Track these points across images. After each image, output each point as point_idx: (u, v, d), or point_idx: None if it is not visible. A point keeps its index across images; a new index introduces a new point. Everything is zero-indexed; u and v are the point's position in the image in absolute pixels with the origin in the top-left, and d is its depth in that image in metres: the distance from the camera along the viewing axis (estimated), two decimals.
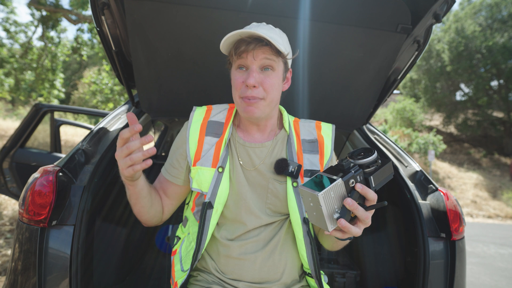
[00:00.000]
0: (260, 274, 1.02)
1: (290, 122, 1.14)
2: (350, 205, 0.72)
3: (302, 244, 1.04)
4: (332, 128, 1.15)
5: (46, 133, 3.77)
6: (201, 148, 1.06)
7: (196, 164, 1.04)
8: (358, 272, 1.95)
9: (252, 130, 1.10)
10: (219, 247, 1.06)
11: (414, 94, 21.41)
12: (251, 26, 0.99)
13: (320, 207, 0.70)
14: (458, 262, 1.42)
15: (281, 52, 0.95)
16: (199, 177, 1.03)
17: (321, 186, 0.71)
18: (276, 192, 1.05)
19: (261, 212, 1.05)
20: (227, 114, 1.12)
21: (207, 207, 1.01)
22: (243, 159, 1.07)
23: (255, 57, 0.95)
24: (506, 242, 6.25)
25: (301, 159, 1.07)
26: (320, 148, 1.10)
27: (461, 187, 13.55)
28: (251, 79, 0.94)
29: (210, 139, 1.07)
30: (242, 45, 0.94)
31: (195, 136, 1.07)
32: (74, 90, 22.33)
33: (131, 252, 1.94)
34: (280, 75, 1.01)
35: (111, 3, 1.37)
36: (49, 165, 1.30)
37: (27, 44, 9.97)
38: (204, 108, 1.14)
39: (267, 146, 1.09)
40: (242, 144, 1.08)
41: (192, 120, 1.10)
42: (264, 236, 1.05)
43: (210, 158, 1.04)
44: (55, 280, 1.17)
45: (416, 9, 1.34)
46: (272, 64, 0.97)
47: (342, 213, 0.73)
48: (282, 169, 1.03)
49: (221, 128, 1.09)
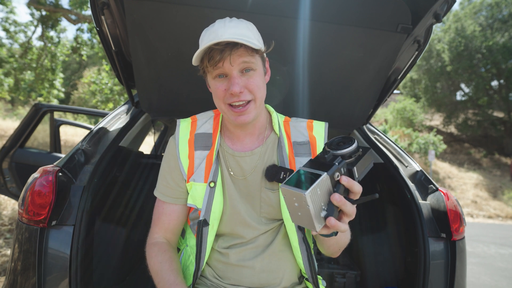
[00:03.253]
0: (259, 280, 1.02)
1: (280, 123, 1.09)
2: (338, 201, 0.65)
3: (298, 252, 1.03)
4: (325, 126, 1.10)
5: (46, 133, 3.76)
6: (192, 163, 1.03)
7: (189, 180, 1.02)
8: (358, 272, 1.95)
9: (240, 135, 1.06)
10: (218, 255, 1.06)
11: (414, 94, 21.40)
12: (216, 26, 0.91)
13: (307, 207, 0.63)
14: (458, 262, 1.42)
15: (258, 49, 0.90)
16: (193, 193, 1.01)
17: (306, 184, 0.64)
18: (269, 201, 1.03)
19: (256, 223, 1.03)
20: (214, 123, 1.09)
21: (203, 224, 0.99)
22: (233, 170, 1.04)
23: (232, 63, 0.90)
24: (507, 242, 6.25)
25: (293, 163, 1.02)
26: (312, 150, 1.05)
27: (461, 187, 13.55)
28: (235, 86, 0.90)
29: (200, 153, 1.04)
30: (215, 54, 0.88)
31: (185, 152, 1.04)
32: (73, 90, 22.33)
33: (131, 252, 1.93)
34: (261, 72, 0.96)
35: (110, 3, 1.37)
36: (48, 165, 1.30)
37: (26, 44, 9.96)
38: (189, 120, 1.10)
39: (257, 153, 1.05)
40: (232, 154, 1.05)
41: (179, 136, 1.06)
42: (261, 242, 1.04)
43: (202, 173, 1.01)
44: (55, 280, 1.17)
45: (416, 9, 1.34)
46: (251, 66, 0.92)
47: (329, 210, 0.67)
48: (273, 176, 1.00)
49: (209, 139, 1.05)
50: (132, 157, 1.94)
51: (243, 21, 0.94)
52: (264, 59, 1.00)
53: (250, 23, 0.96)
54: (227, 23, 0.91)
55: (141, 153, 2.24)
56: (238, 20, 0.93)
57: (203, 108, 1.90)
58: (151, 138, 2.89)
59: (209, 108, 1.21)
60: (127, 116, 1.90)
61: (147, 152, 2.47)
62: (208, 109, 1.18)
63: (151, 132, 2.54)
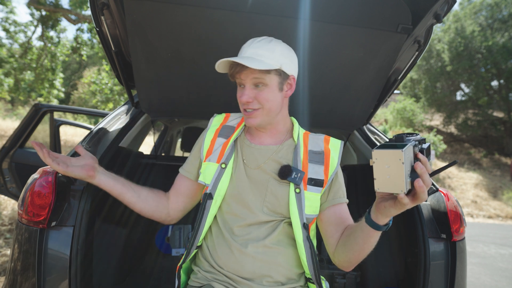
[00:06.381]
0: (253, 269, 1.04)
1: (300, 134, 1.18)
2: (421, 168, 0.73)
3: (302, 249, 1.05)
4: (341, 144, 1.17)
5: (46, 133, 3.76)
6: (212, 147, 1.17)
7: (206, 160, 1.15)
8: (358, 273, 1.95)
9: (260, 134, 1.17)
10: (216, 243, 1.10)
11: (414, 94, 21.39)
12: (247, 43, 1.07)
13: (402, 165, 0.71)
14: (458, 263, 1.42)
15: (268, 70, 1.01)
16: (205, 171, 1.13)
17: (397, 148, 0.72)
18: (275, 192, 1.08)
19: (257, 210, 1.08)
20: (240, 120, 1.23)
21: (208, 197, 1.09)
22: (247, 158, 1.14)
23: (245, 78, 1.04)
24: (507, 242, 6.25)
25: (306, 167, 1.09)
26: (326, 159, 1.12)
27: (461, 187, 13.55)
28: (243, 97, 1.04)
29: (220, 139, 1.18)
30: (234, 68, 1.03)
31: (210, 137, 1.19)
32: (73, 90, 22.32)
33: (131, 253, 1.93)
34: (274, 88, 1.05)
35: (110, 3, 1.36)
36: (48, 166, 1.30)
37: (26, 44, 9.96)
38: (223, 115, 1.26)
39: (273, 148, 1.14)
40: (249, 145, 1.16)
41: (210, 125, 1.23)
42: (259, 233, 1.07)
43: (217, 155, 1.14)
44: (55, 281, 1.17)
45: (416, 9, 1.34)
46: (262, 81, 1.03)
47: (413, 176, 0.74)
48: (285, 175, 1.07)
49: (232, 131, 1.20)
50: (132, 157, 1.94)
51: (272, 42, 1.05)
52: (286, 76, 1.07)
53: (279, 42, 1.07)
54: (254, 43, 1.05)
55: (141, 153, 2.24)
56: (267, 40, 1.05)
57: (203, 108, 1.90)
58: (151, 139, 2.89)
59: (209, 109, 1.22)
60: (127, 116, 1.90)
61: (147, 153, 2.47)
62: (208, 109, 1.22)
63: (151, 132, 2.54)
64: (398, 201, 0.76)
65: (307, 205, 1.06)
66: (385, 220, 0.85)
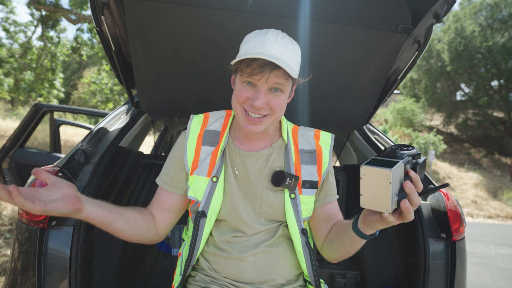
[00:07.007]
0: (253, 274, 1.03)
1: (289, 131, 1.12)
2: (410, 188, 0.72)
3: (301, 256, 1.04)
4: (331, 137, 1.13)
5: (46, 133, 3.76)
6: (198, 157, 1.06)
7: (193, 173, 1.05)
8: (358, 272, 1.95)
9: (250, 138, 1.09)
10: (214, 249, 1.07)
11: (414, 94, 21.39)
12: (268, 37, 0.92)
13: (389, 185, 0.69)
14: (458, 262, 1.42)
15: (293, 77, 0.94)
16: (194, 186, 1.04)
17: (387, 165, 0.71)
18: (269, 202, 1.04)
19: (254, 222, 1.05)
20: (224, 122, 1.11)
21: (201, 216, 1.02)
22: (238, 169, 1.07)
23: (267, 81, 0.92)
24: (507, 242, 6.25)
25: (299, 170, 1.05)
26: (318, 158, 1.08)
27: (461, 187, 13.55)
28: (259, 102, 0.92)
29: (206, 148, 1.07)
30: (256, 66, 0.90)
31: (193, 146, 1.07)
32: (73, 90, 22.32)
33: (131, 253, 1.93)
34: (287, 94, 1.00)
35: (110, 3, 1.36)
36: (48, 166, 1.30)
37: (26, 44, 9.97)
38: (201, 116, 1.13)
39: (263, 154, 1.07)
40: (238, 153, 1.08)
41: (190, 130, 1.10)
42: (258, 238, 1.05)
43: (206, 168, 1.04)
44: (55, 280, 1.17)
45: (416, 9, 1.34)
46: (281, 87, 0.95)
47: (401, 196, 0.73)
48: (279, 181, 1.02)
49: (217, 137, 1.08)
50: (132, 157, 1.94)
51: (293, 43, 0.97)
52: (294, 83, 1.03)
53: (297, 46, 0.99)
54: (279, 39, 0.92)
55: (141, 153, 2.24)
56: (289, 39, 0.96)
57: (203, 108, 1.90)
58: (151, 138, 2.89)
59: (209, 108, 1.21)
60: (127, 116, 1.90)
61: (147, 152, 2.47)
62: (208, 109, 1.19)
63: (151, 132, 2.54)
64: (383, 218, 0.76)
65: (304, 209, 1.03)
66: (371, 231, 0.86)
